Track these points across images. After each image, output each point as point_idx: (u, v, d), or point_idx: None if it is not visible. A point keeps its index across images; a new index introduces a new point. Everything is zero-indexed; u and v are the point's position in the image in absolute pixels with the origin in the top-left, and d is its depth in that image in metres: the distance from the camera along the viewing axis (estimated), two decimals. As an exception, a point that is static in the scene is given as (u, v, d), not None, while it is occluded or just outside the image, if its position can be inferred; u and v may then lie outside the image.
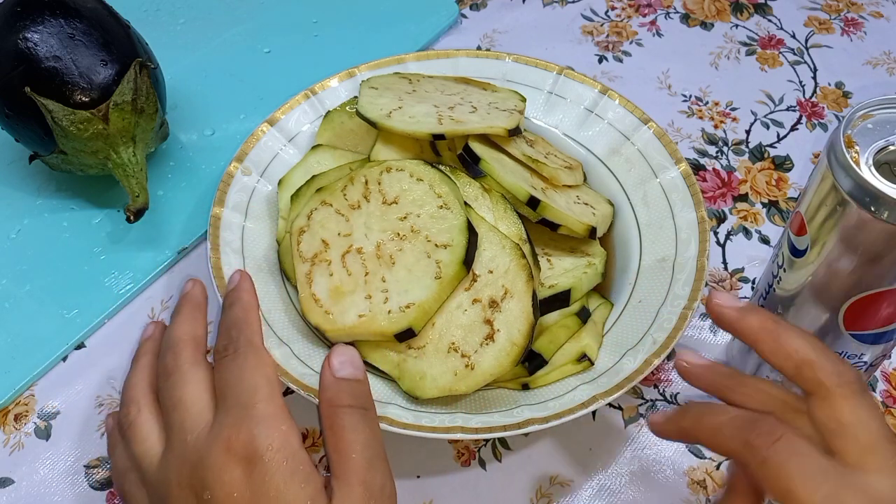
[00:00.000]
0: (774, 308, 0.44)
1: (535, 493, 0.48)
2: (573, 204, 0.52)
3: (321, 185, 0.50)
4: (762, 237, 0.59)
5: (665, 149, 0.55)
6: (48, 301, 0.55)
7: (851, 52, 0.70)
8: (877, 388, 0.52)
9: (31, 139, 0.56)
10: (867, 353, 0.43)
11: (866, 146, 0.37)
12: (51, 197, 0.60)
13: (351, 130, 0.57)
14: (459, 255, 0.45)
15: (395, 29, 0.70)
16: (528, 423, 0.44)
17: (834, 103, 0.66)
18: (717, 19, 0.72)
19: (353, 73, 0.59)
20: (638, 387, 0.52)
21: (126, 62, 0.55)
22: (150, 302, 0.56)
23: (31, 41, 0.53)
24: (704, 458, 0.49)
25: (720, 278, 0.57)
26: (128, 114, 0.54)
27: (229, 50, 0.69)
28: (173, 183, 0.61)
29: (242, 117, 0.64)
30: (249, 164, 0.55)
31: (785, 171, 0.62)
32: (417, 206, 0.47)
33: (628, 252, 0.53)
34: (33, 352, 0.53)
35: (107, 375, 0.53)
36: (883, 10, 0.73)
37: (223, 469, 0.36)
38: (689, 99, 0.67)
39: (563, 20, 0.72)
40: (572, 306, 0.49)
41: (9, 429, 0.51)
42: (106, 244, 0.58)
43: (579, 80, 0.59)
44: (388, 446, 0.49)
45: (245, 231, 0.53)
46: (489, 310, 0.45)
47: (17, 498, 0.48)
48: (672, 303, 0.49)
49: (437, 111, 0.52)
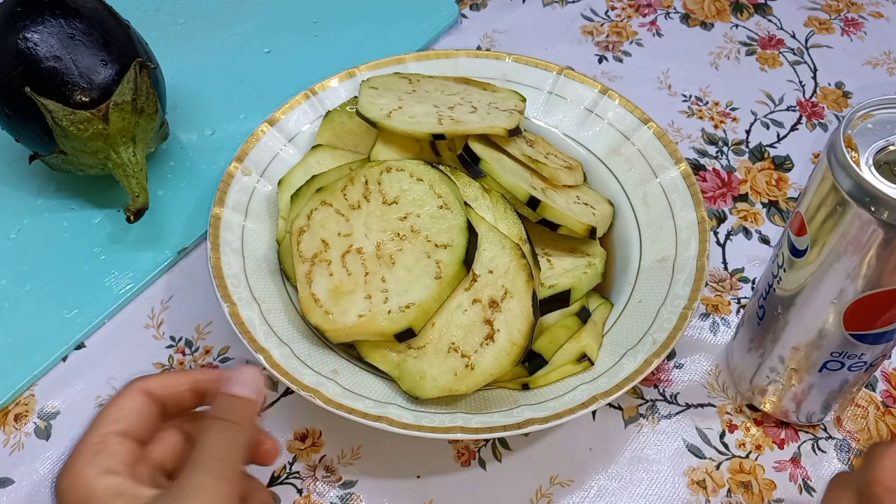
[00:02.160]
0: (774, 308, 0.44)
1: (535, 493, 0.48)
2: (573, 204, 0.52)
3: (321, 184, 0.50)
4: (762, 237, 0.59)
5: (665, 149, 0.55)
6: (48, 301, 0.55)
7: (851, 52, 0.70)
8: (877, 388, 0.52)
9: (31, 139, 0.56)
10: (867, 353, 0.43)
11: (866, 146, 0.37)
12: (51, 197, 0.60)
13: (351, 130, 0.57)
14: (459, 255, 0.45)
15: (395, 29, 0.70)
16: (528, 423, 0.44)
17: (834, 103, 0.66)
18: (717, 19, 0.72)
19: (353, 73, 0.59)
20: (638, 387, 0.52)
21: (126, 62, 0.55)
22: (150, 302, 0.56)
23: (31, 41, 0.53)
24: (704, 458, 0.49)
25: (720, 278, 0.57)
26: (128, 114, 0.54)
27: (229, 50, 0.69)
28: (173, 183, 0.61)
29: (242, 117, 0.64)
30: (249, 164, 0.55)
31: (785, 171, 0.62)
32: (417, 206, 0.47)
33: (628, 252, 0.53)
34: (33, 352, 0.53)
35: (107, 375, 0.53)
36: (883, 10, 0.73)
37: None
38: (689, 99, 0.67)
39: (563, 20, 0.72)
40: (572, 306, 0.49)
41: (9, 429, 0.51)
42: (106, 244, 0.58)
43: (579, 80, 0.59)
44: (389, 446, 0.49)
45: (245, 231, 0.53)
46: (489, 310, 0.45)
47: (17, 498, 0.48)
48: (672, 303, 0.49)
49: (437, 111, 0.52)
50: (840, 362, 0.44)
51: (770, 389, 0.48)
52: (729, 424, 0.51)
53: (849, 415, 0.51)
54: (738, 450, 0.50)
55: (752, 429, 0.50)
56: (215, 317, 0.55)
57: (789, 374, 0.46)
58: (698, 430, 0.50)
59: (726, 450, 0.50)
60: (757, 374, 0.48)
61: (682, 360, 0.53)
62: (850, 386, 0.46)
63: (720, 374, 0.52)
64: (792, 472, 0.49)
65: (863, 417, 0.51)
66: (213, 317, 0.55)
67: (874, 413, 0.51)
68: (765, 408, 0.50)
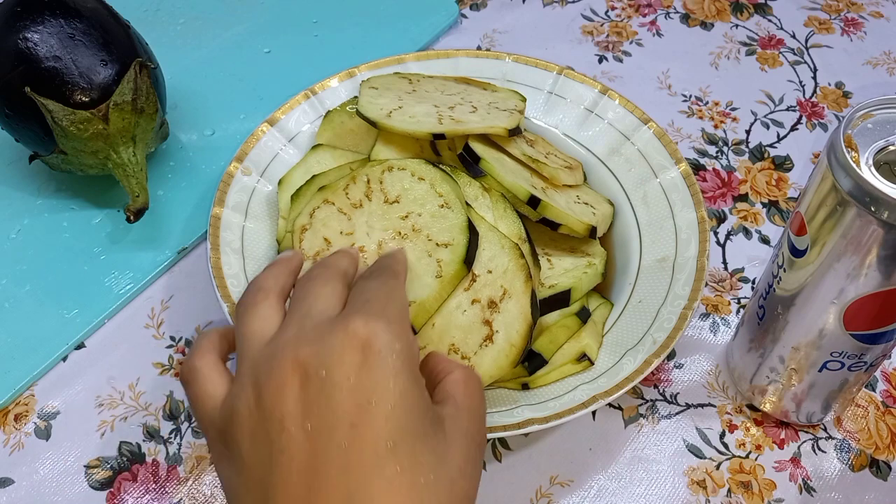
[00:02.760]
0: (774, 308, 0.44)
1: (535, 493, 0.48)
2: (573, 203, 0.52)
3: (322, 184, 0.50)
4: (762, 237, 0.59)
5: (665, 149, 0.55)
6: (48, 301, 0.55)
7: (851, 52, 0.70)
8: (877, 388, 0.52)
9: (31, 139, 0.56)
10: (867, 353, 0.43)
11: (866, 146, 0.37)
12: (51, 197, 0.60)
13: (351, 130, 0.57)
14: (460, 254, 0.45)
15: (395, 29, 0.70)
16: (528, 423, 0.44)
17: (834, 103, 0.66)
18: (717, 19, 0.72)
19: (353, 73, 0.59)
20: (638, 387, 0.52)
21: (126, 62, 0.55)
22: (150, 302, 0.56)
23: (31, 41, 0.53)
24: (704, 458, 0.49)
25: (720, 278, 0.57)
26: (128, 114, 0.54)
27: (229, 50, 0.69)
28: (173, 183, 0.61)
29: (242, 117, 0.64)
30: (249, 164, 0.55)
31: (785, 171, 0.62)
32: (419, 205, 0.47)
33: (628, 252, 0.53)
34: (33, 352, 0.53)
35: (107, 375, 0.53)
36: (883, 10, 0.73)
37: (344, 352, 0.33)
38: (689, 99, 0.67)
39: (563, 20, 0.72)
40: (572, 306, 0.49)
41: (9, 429, 0.51)
42: (106, 244, 0.58)
43: (579, 80, 0.59)
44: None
45: (245, 231, 0.53)
46: (488, 310, 0.45)
47: (17, 498, 0.48)
48: (672, 303, 0.49)
49: (437, 111, 0.52)
50: (840, 362, 0.44)
51: (770, 389, 0.48)
52: (729, 424, 0.51)
53: (849, 415, 0.51)
54: (738, 450, 0.50)
55: (752, 429, 0.50)
56: (215, 317, 0.55)
57: (789, 374, 0.46)
58: (698, 430, 0.50)
59: (726, 450, 0.50)
60: (757, 374, 0.48)
61: (682, 360, 0.53)
62: (850, 386, 0.46)
63: (720, 374, 0.52)
64: (792, 472, 0.49)
65: (863, 417, 0.51)
66: (213, 317, 0.55)
67: (874, 413, 0.51)
68: (765, 408, 0.50)
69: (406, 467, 0.32)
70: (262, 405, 0.34)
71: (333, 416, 0.33)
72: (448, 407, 0.36)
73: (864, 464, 0.49)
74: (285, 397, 0.33)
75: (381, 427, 0.32)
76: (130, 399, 0.52)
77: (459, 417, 0.36)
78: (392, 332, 0.34)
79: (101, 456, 0.50)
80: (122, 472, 0.49)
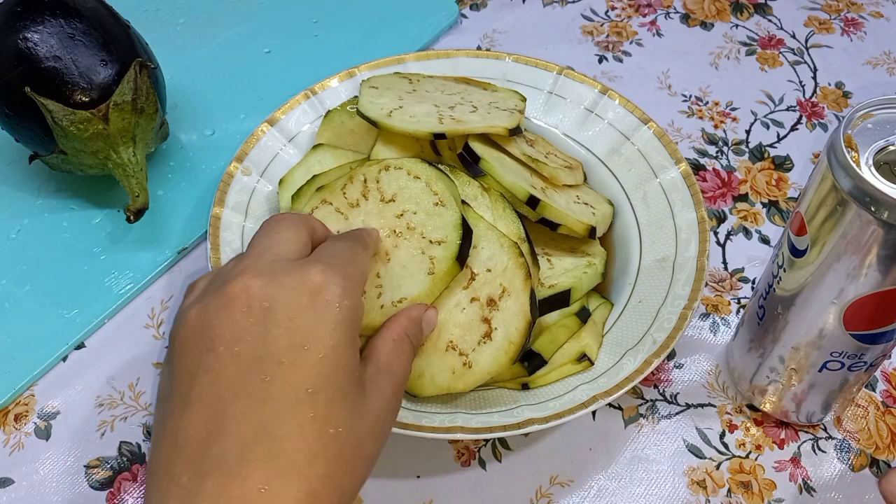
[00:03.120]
0: (774, 308, 0.44)
1: (535, 493, 0.48)
2: (573, 203, 0.52)
3: (322, 183, 0.50)
4: (762, 237, 0.59)
5: (665, 149, 0.55)
6: (48, 301, 0.55)
7: (851, 52, 0.70)
8: (877, 388, 0.52)
9: (31, 139, 0.56)
10: (867, 353, 0.43)
11: (866, 146, 0.37)
12: (51, 197, 0.60)
13: (351, 130, 0.57)
14: (452, 251, 0.45)
15: (395, 29, 0.70)
16: (528, 423, 0.44)
17: (834, 103, 0.66)
18: (717, 19, 0.72)
19: (353, 73, 0.59)
20: (638, 387, 0.52)
21: (126, 62, 0.55)
22: (150, 302, 0.56)
23: (31, 41, 0.53)
24: (704, 458, 0.49)
25: (720, 278, 0.57)
26: (128, 114, 0.54)
27: (229, 50, 0.69)
28: (173, 183, 0.61)
29: (242, 117, 0.64)
30: (249, 164, 0.55)
31: (785, 171, 0.62)
32: (414, 203, 0.47)
33: (628, 252, 0.53)
34: (33, 352, 0.53)
35: (107, 375, 0.53)
36: (883, 10, 0.73)
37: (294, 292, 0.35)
38: (689, 99, 0.67)
39: (563, 20, 0.72)
40: (572, 306, 0.49)
41: (9, 429, 0.51)
42: (106, 244, 0.58)
43: (579, 80, 0.59)
44: (388, 446, 0.49)
45: (245, 231, 0.53)
46: (487, 308, 0.45)
47: (17, 498, 0.48)
48: (672, 303, 0.49)
49: (437, 111, 0.52)
50: (840, 362, 0.44)
51: (770, 389, 0.48)
52: (729, 424, 0.51)
53: (849, 415, 0.51)
54: (738, 450, 0.50)
55: (752, 429, 0.50)
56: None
57: (789, 374, 0.46)
58: (698, 430, 0.50)
59: (726, 450, 0.50)
60: (757, 374, 0.48)
61: (682, 360, 0.53)
62: (850, 386, 0.46)
63: (720, 374, 0.52)
64: (792, 472, 0.49)
65: (863, 417, 0.51)
66: (213, 317, 0.55)
67: (874, 413, 0.51)
68: (765, 408, 0.50)
69: (319, 415, 0.34)
70: (202, 321, 0.35)
71: (264, 348, 0.34)
72: (370, 367, 0.37)
73: (864, 464, 0.49)
74: (222, 319, 0.35)
75: (307, 371, 0.34)
76: (130, 399, 0.52)
77: (379, 378, 0.37)
78: (344, 288, 0.36)
79: (101, 456, 0.50)
80: (122, 472, 0.49)
